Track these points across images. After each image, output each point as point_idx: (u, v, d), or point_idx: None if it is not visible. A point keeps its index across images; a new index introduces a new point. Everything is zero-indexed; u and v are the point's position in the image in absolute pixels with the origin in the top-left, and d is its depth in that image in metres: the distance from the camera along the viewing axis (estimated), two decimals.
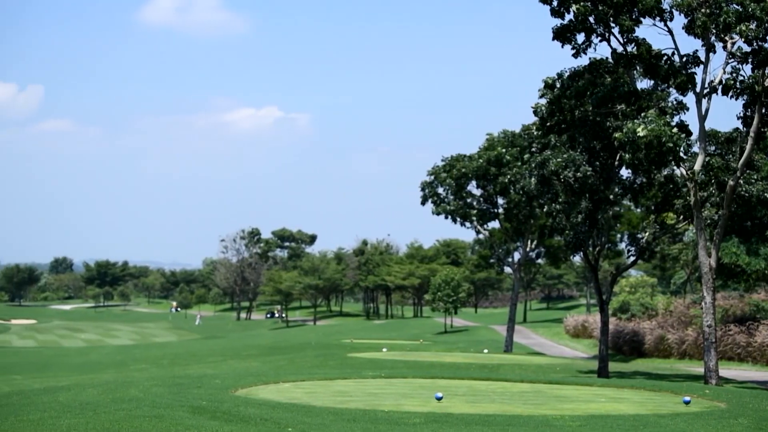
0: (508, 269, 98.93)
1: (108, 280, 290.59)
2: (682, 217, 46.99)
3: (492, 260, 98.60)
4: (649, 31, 39.30)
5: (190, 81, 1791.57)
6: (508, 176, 67.15)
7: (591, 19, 39.16)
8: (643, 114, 37.12)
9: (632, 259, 51.91)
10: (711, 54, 38.49)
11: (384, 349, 65.32)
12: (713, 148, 42.65)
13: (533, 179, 46.83)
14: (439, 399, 24.61)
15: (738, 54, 37.66)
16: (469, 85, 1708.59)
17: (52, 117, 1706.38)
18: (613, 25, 39.33)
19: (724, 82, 38.10)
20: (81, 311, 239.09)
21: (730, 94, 38.06)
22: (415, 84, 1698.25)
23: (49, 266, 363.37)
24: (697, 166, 38.38)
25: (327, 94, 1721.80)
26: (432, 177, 73.42)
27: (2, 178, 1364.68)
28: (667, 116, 39.08)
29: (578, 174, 42.54)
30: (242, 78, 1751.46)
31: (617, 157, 43.63)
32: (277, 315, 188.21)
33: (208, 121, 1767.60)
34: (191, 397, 23.49)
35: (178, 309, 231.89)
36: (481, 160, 70.08)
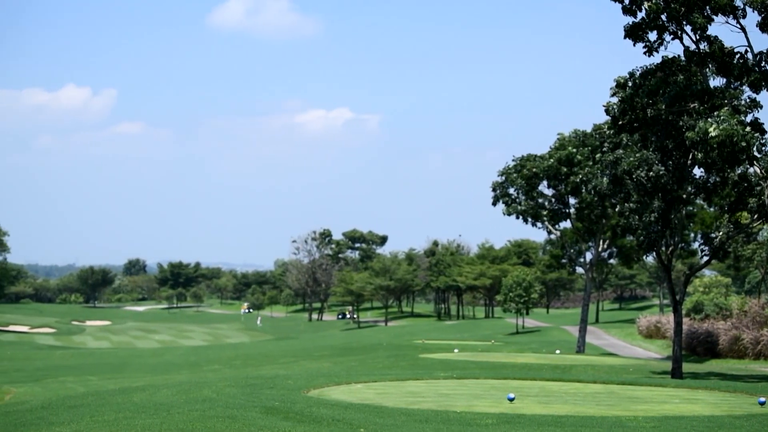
0: (579, 269, 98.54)
1: (181, 281, 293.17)
2: (756, 216, 46.37)
3: (564, 260, 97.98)
4: (721, 28, 38.74)
5: (261, 83, 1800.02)
6: (580, 176, 66.78)
7: (663, 16, 38.84)
8: (716, 113, 36.70)
9: (706, 258, 51.43)
10: None
11: (455, 350, 65.22)
12: None
13: (605, 179, 46.54)
14: (511, 400, 24.54)
15: None
16: (539, 84, 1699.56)
17: (125, 120, 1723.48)
18: (685, 22, 38.94)
19: None
20: (154, 312, 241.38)
21: None
22: (485, 84, 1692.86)
23: (123, 268, 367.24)
24: None
25: (398, 95, 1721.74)
26: (503, 177, 73.20)
27: (77, 181, 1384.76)
28: (741, 114, 38.61)
29: (651, 173, 42.15)
30: (313, 80, 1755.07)
31: (690, 156, 43.16)
32: (348, 316, 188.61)
33: (279, 122, 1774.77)
34: (264, 398, 23.62)
35: (251, 310, 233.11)
36: (552, 160, 69.78)
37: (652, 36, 40.20)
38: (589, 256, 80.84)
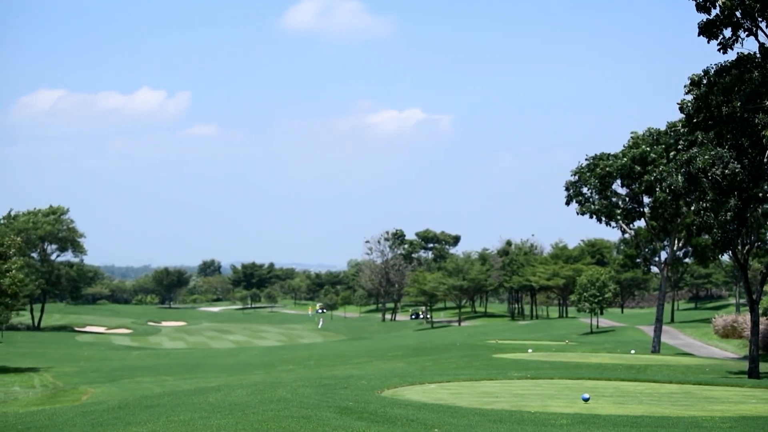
0: (654, 269, 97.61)
1: (255, 282, 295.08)
2: None
3: (638, 260, 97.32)
4: None
5: (333, 84, 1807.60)
6: (654, 174, 66.19)
7: (737, 13, 38.44)
8: None
9: None
10: None
11: (529, 350, 65.02)
12: None
13: (680, 177, 46.05)
14: (585, 400, 24.45)
15: None
16: (611, 82, 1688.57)
17: (198, 122, 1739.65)
18: (760, 19, 38.52)
19: None
20: (229, 313, 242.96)
21: None
22: (556, 83, 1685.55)
23: (197, 269, 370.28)
24: None
25: (469, 94, 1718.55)
26: (576, 176, 72.83)
27: (152, 183, 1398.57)
28: None
29: (726, 171, 41.67)
30: (385, 80, 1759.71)
31: (766, 154, 42.65)
32: (422, 316, 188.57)
33: (351, 123, 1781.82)
34: (338, 398, 23.73)
35: (324, 310, 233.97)
36: (625, 159, 69.28)
37: (727, 33, 39.77)
38: (663, 255, 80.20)
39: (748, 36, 39.58)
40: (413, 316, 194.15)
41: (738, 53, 40.57)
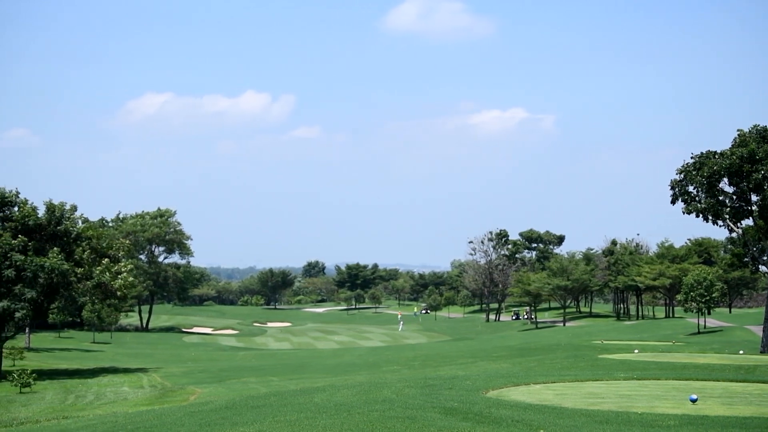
0: (763, 268, 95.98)
1: (359, 283, 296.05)
2: None
3: (746, 259, 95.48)
4: None
5: (435, 85, 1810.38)
6: (762, 172, 65.15)
7: None
8: None
9: None
10: None
11: (635, 350, 64.37)
12: None
13: None
14: (693, 401, 24.20)
15: None
16: (716, 80, 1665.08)
17: (302, 125, 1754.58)
18: None
19: None
20: (333, 314, 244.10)
21: None
22: (660, 81, 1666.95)
23: (302, 270, 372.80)
24: None
25: (572, 93, 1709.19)
26: (682, 175, 71.90)
27: (257, 185, 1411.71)
28: None
29: None
30: (488, 80, 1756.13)
31: None
32: (525, 317, 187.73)
33: (453, 124, 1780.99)
34: (443, 399, 23.78)
35: (427, 311, 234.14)
36: (733, 157, 68.24)
37: None
38: None
39: None
40: (514, 317, 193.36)
41: None
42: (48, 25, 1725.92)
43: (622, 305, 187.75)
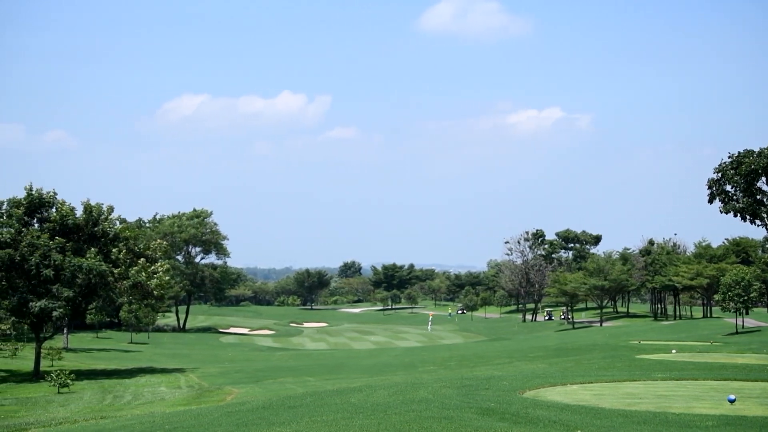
0: None
1: (395, 283, 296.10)
2: None
3: None
4: None
5: (471, 85, 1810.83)
6: None
7: None
8: None
9: None
10: None
11: (673, 351, 64.06)
12: None
13: None
14: (731, 401, 24.06)
15: None
16: (754, 78, 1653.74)
17: (338, 125, 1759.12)
18: None
19: None
20: (370, 314, 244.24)
21: None
22: (698, 79, 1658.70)
23: (338, 270, 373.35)
24: None
25: (609, 93, 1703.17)
26: (719, 174, 71.50)
27: (293, 185, 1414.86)
28: None
29: None
30: (524, 80, 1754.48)
31: None
32: (562, 317, 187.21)
33: (489, 123, 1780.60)
34: (480, 399, 23.75)
35: (463, 311, 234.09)
36: None
37: None
38: None
39: None
40: (546, 317, 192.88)
41: None
42: (85, 28, 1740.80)
43: (659, 305, 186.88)
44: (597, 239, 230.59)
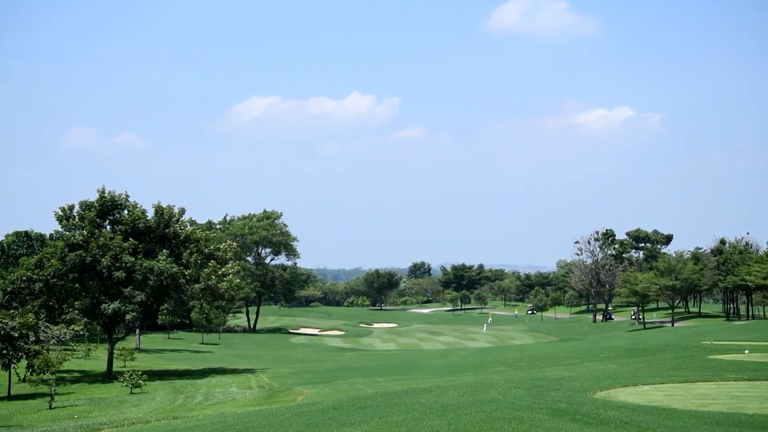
0: None
1: (464, 283, 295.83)
2: None
3: None
4: None
5: (540, 84, 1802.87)
6: None
7: None
8: None
9: None
10: None
11: (746, 351, 63.33)
12: None
13: None
14: None
15: None
16: None
17: (407, 126, 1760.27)
18: None
19: None
20: (439, 314, 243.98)
21: None
22: None
23: (407, 271, 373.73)
24: None
25: (680, 91, 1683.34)
26: None
27: (362, 186, 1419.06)
28: None
29: None
30: (593, 79, 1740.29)
31: None
32: (633, 317, 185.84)
33: (558, 123, 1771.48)
34: (550, 399, 23.65)
35: (533, 312, 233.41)
36: None
37: None
38: None
39: None
40: (607, 317, 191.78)
41: None
42: (157, 31, 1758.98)
43: (731, 305, 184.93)
44: (668, 239, 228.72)
